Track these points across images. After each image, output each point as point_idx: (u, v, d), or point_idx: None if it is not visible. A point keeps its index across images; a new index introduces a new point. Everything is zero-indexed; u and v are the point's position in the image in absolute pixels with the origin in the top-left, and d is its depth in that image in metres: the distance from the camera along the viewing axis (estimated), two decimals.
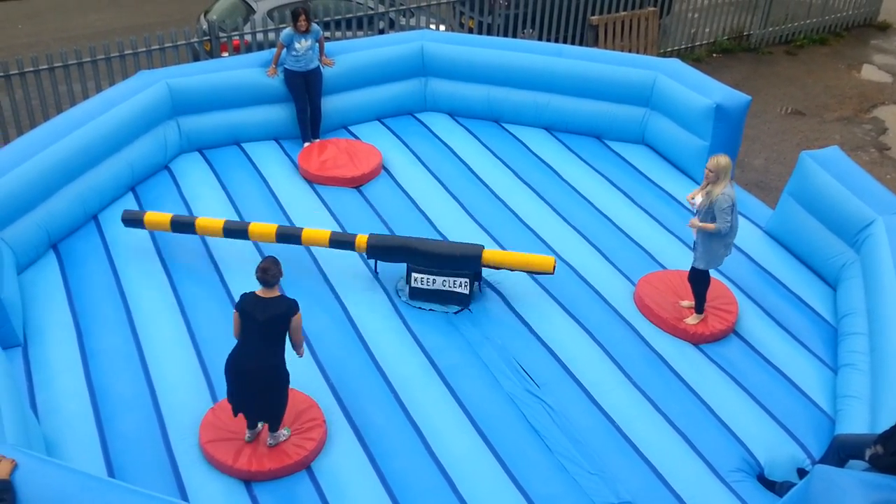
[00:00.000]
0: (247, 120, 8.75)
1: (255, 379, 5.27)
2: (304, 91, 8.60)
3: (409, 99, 9.47)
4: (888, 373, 5.85)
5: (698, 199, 6.29)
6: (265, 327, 5.18)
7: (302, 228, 7.07)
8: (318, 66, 8.63)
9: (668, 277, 7.12)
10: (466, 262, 6.77)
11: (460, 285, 6.79)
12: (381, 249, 6.89)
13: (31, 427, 5.24)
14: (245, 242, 7.38)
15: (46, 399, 5.88)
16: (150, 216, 7.13)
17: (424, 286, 6.80)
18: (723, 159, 6.17)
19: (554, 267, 6.77)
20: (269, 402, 5.40)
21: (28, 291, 6.74)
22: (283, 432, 5.58)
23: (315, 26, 8.50)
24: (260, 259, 7.21)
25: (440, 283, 6.78)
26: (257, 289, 5.28)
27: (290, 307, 5.23)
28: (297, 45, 8.37)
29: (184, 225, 7.10)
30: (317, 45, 8.54)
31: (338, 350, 6.42)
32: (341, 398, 6.03)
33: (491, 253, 6.85)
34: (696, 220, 6.31)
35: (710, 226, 6.21)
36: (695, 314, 6.68)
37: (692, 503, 5.48)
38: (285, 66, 8.55)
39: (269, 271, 5.18)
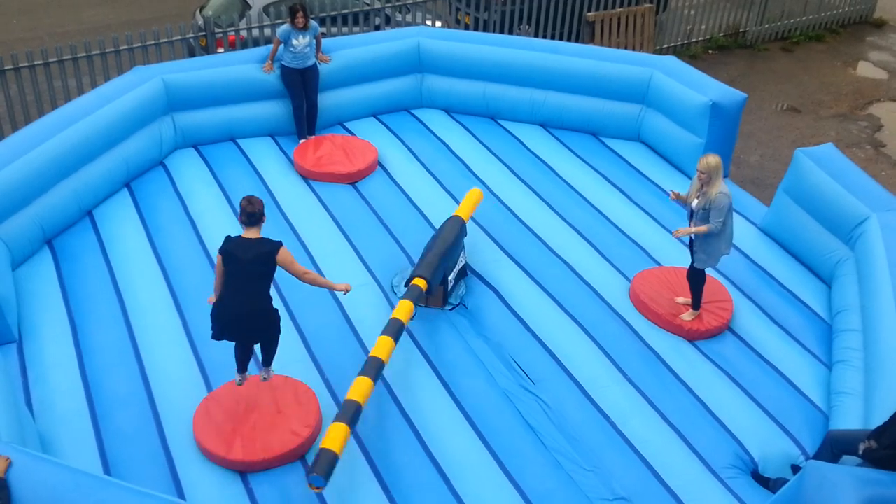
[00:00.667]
0: (242, 116, 8.73)
1: (246, 323, 5.32)
2: (301, 87, 8.59)
3: (406, 95, 9.46)
4: (882, 369, 5.87)
5: (694, 203, 6.30)
6: (251, 266, 5.18)
7: (377, 357, 5.78)
8: (315, 63, 8.61)
9: (664, 274, 7.13)
10: (462, 234, 7.00)
11: (462, 258, 6.96)
12: (433, 276, 6.47)
13: (26, 424, 5.24)
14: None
15: (41, 396, 5.87)
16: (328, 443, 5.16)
17: (455, 282, 6.86)
18: (713, 159, 6.16)
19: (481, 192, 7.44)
20: (261, 339, 5.51)
21: (22, 288, 6.73)
22: (273, 370, 5.70)
23: (313, 23, 8.48)
24: None
25: (457, 272, 6.87)
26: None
27: (274, 245, 5.25)
28: (294, 42, 8.35)
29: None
30: (314, 41, 8.53)
31: (334, 347, 6.42)
32: (337, 395, 6.02)
33: (461, 213, 7.15)
34: (681, 230, 6.34)
35: (703, 228, 6.22)
36: (691, 310, 6.69)
37: (687, 499, 5.50)
38: (282, 62, 8.52)
39: (253, 204, 5.18)
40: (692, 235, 6.40)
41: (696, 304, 6.67)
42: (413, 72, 9.43)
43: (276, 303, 6.59)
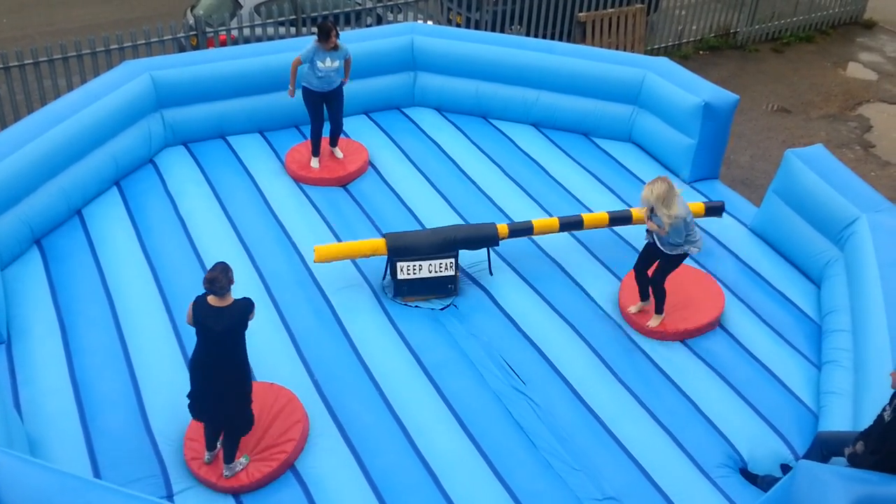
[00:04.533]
0: (232, 112, 8.67)
1: (217, 400, 5.14)
2: (322, 110, 8.11)
3: (398, 93, 9.42)
4: (871, 369, 5.88)
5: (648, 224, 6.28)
6: (223, 337, 4.97)
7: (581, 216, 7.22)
8: (341, 85, 8.07)
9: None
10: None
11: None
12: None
13: (14, 425, 5.21)
14: (230, 239, 7.36)
15: (30, 396, 5.84)
16: None
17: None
18: (657, 186, 6.02)
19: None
20: (229, 426, 5.26)
21: (11, 288, 6.69)
22: (241, 461, 5.38)
23: (344, 46, 7.92)
24: (247, 256, 7.20)
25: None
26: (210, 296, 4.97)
27: (245, 310, 5.00)
28: (320, 64, 7.72)
29: None
30: (342, 64, 8.00)
31: (323, 347, 6.40)
32: (326, 396, 6.01)
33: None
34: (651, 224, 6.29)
35: (654, 227, 6.23)
36: (654, 315, 6.62)
37: (676, 499, 5.51)
38: (304, 84, 7.90)
39: (216, 282, 4.85)
40: (654, 237, 6.36)
41: (659, 307, 6.59)
42: (406, 69, 9.40)
43: (266, 303, 6.63)
